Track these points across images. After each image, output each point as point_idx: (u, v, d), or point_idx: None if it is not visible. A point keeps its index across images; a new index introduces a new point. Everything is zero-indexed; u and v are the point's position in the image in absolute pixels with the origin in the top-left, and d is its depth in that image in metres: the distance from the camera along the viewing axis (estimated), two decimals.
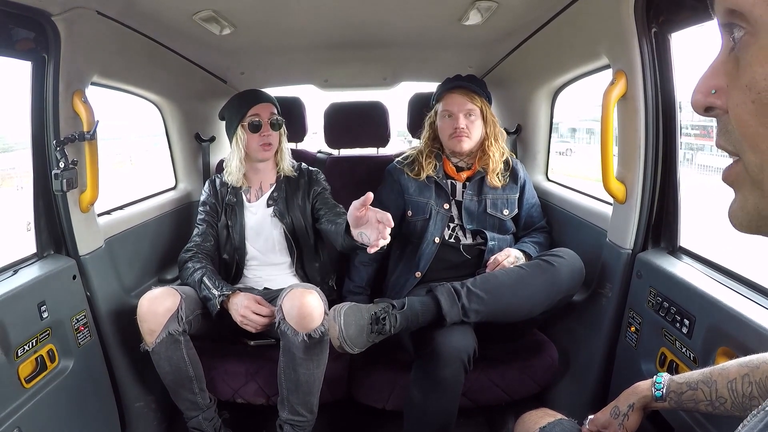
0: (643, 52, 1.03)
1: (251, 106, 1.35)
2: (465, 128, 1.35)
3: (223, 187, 1.43)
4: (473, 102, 1.36)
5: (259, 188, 1.44)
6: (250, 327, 1.19)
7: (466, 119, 1.35)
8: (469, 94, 1.36)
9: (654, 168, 1.08)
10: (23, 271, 1.07)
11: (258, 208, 1.42)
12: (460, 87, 1.37)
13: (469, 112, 1.36)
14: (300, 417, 1.17)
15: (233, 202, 1.41)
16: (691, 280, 0.95)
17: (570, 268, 1.13)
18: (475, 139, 1.37)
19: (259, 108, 1.36)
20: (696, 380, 0.68)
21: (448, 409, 1.08)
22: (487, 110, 1.38)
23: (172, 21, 1.23)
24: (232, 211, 1.40)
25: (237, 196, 1.42)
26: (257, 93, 1.40)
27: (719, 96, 0.31)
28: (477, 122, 1.37)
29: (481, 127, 1.38)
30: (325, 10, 1.23)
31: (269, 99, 1.40)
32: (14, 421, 0.95)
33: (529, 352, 1.30)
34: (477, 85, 1.38)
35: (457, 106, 1.36)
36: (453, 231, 1.39)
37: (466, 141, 1.36)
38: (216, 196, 1.43)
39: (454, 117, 1.36)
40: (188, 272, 1.29)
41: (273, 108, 1.39)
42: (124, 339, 1.26)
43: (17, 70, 1.07)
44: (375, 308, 1.06)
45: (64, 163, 1.08)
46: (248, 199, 1.43)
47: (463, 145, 1.36)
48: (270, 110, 1.37)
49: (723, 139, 0.32)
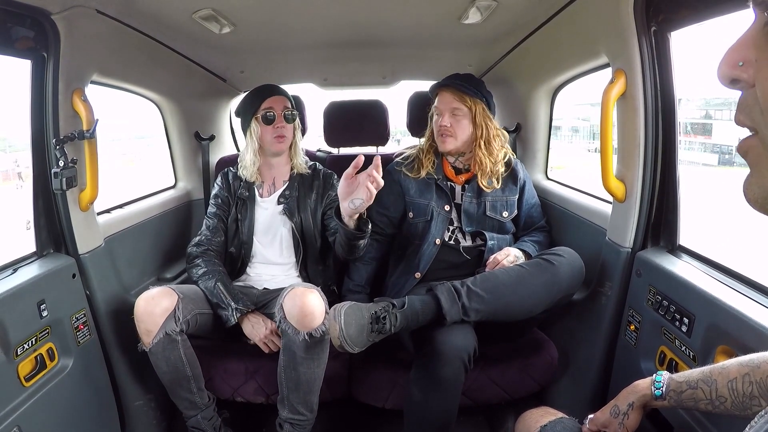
0: (642, 50, 1.03)
1: (265, 99, 1.37)
2: (449, 126, 1.34)
3: (236, 181, 1.43)
4: (461, 101, 1.34)
5: (272, 184, 1.44)
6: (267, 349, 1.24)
7: (451, 118, 1.34)
8: (457, 93, 1.34)
9: (653, 167, 1.08)
10: (23, 270, 1.07)
11: (269, 204, 1.42)
12: (449, 86, 1.36)
13: (454, 111, 1.34)
14: (300, 416, 1.17)
15: (245, 196, 1.41)
16: (691, 279, 0.95)
17: (570, 267, 1.13)
18: (461, 139, 1.35)
19: (273, 101, 1.37)
20: (696, 379, 0.68)
21: (448, 408, 1.08)
22: (478, 111, 1.34)
23: (171, 19, 1.23)
24: (243, 205, 1.41)
25: (250, 191, 1.42)
26: (271, 86, 1.42)
27: (746, 69, 0.30)
28: (463, 122, 1.34)
29: (468, 127, 1.35)
30: (325, 9, 1.23)
31: (283, 92, 1.42)
32: (14, 419, 0.95)
33: (529, 351, 1.30)
34: (471, 85, 1.35)
35: (443, 104, 1.36)
36: (453, 233, 1.38)
37: (450, 140, 1.35)
38: (229, 189, 1.43)
39: (440, 115, 1.36)
40: (198, 271, 1.29)
41: (287, 101, 1.40)
42: (123, 338, 1.26)
43: (17, 68, 1.08)
44: (375, 307, 1.05)
45: (64, 162, 1.08)
46: (260, 194, 1.43)
47: (446, 144, 1.35)
48: (284, 103, 1.38)
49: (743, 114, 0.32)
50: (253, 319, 1.25)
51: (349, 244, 1.19)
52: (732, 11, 0.83)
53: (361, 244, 1.21)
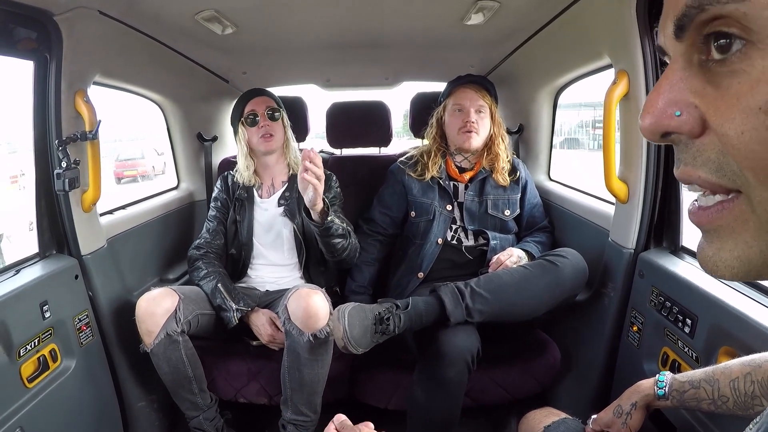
0: (645, 51, 1.03)
1: (247, 102, 1.39)
2: (475, 123, 1.35)
3: (235, 183, 1.44)
4: (484, 99, 1.37)
5: (271, 185, 1.44)
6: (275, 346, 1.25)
7: (476, 115, 1.36)
8: (481, 91, 1.37)
9: (656, 167, 1.08)
10: (25, 271, 1.07)
11: (269, 205, 1.42)
12: (473, 83, 1.38)
13: (479, 108, 1.36)
14: (304, 417, 1.17)
15: (243, 197, 1.42)
16: (694, 280, 0.95)
17: (573, 268, 1.13)
18: (483, 136, 1.38)
19: (254, 103, 1.39)
20: (698, 379, 0.68)
21: (451, 409, 1.08)
22: (495, 110, 1.40)
23: (174, 21, 1.22)
24: (241, 206, 1.41)
25: (248, 192, 1.43)
26: (253, 90, 1.44)
27: (687, 119, 0.25)
28: (486, 120, 1.38)
29: (489, 125, 1.38)
30: (327, 10, 1.23)
31: (264, 93, 1.43)
32: (16, 421, 0.95)
33: (532, 352, 1.30)
34: (488, 85, 1.41)
35: (468, 100, 1.36)
36: (455, 233, 1.39)
37: (475, 137, 1.36)
38: (228, 191, 1.44)
39: (465, 111, 1.36)
40: (199, 273, 1.30)
41: (269, 101, 1.41)
42: (126, 339, 1.25)
43: (19, 69, 1.08)
44: (379, 308, 1.05)
45: (67, 163, 1.08)
46: (260, 195, 1.43)
47: (471, 141, 1.36)
48: (266, 103, 1.40)
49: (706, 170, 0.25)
50: (255, 318, 1.25)
51: (323, 241, 1.23)
52: None
53: (336, 243, 1.23)
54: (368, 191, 1.58)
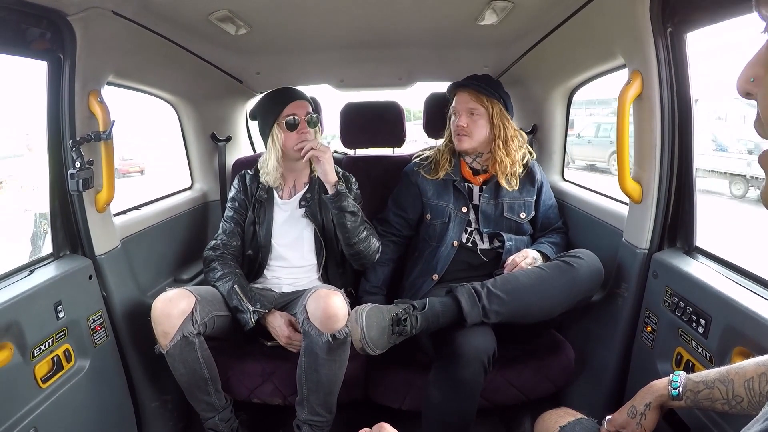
0: (658, 51, 1.03)
1: (287, 104, 1.33)
2: (465, 126, 1.35)
3: (253, 183, 1.42)
4: (478, 101, 1.35)
5: (293, 186, 1.43)
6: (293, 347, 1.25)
7: (467, 118, 1.35)
8: (474, 94, 1.35)
9: (670, 168, 1.08)
10: (39, 271, 1.07)
11: (290, 206, 1.41)
12: (467, 86, 1.37)
13: (471, 111, 1.35)
14: (319, 417, 1.17)
15: (263, 198, 1.40)
16: (708, 280, 0.95)
17: (589, 269, 1.13)
18: (478, 139, 1.36)
19: (295, 106, 1.33)
20: (713, 379, 0.69)
21: (466, 409, 1.08)
22: (495, 112, 1.35)
23: (187, 21, 1.22)
24: (260, 207, 1.39)
25: (268, 193, 1.41)
26: (293, 91, 1.37)
27: (757, 84, 0.34)
28: (480, 122, 1.36)
29: (485, 128, 1.36)
30: (341, 11, 1.23)
31: (304, 97, 1.38)
32: (31, 420, 0.95)
33: (546, 352, 1.30)
34: (489, 86, 1.37)
35: (460, 104, 1.37)
36: (470, 235, 1.38)
37: (465, 140, 1.36)
38: (246, 192, 1.41)
39: (457, 115, 1.37)
40: (216, 275, 1.29)
41: (308, 106, 1.37)
42: (140, 339, 1.25)
43: (33, 70, 1.07)
44: (396, 309, 1.05)
45: (80, 163, 1.08)
46: (280, 196, 1.42)
47: (461, 144, 1.36)
48: (306, 108, 1.35)
49: (757, 123, 0.35)
50: (272, 320, 1.25)
51: (338, 221, 1.27)
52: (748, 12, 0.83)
53: (348, 222, 1.26)
54: (382, 192, 1.57)
